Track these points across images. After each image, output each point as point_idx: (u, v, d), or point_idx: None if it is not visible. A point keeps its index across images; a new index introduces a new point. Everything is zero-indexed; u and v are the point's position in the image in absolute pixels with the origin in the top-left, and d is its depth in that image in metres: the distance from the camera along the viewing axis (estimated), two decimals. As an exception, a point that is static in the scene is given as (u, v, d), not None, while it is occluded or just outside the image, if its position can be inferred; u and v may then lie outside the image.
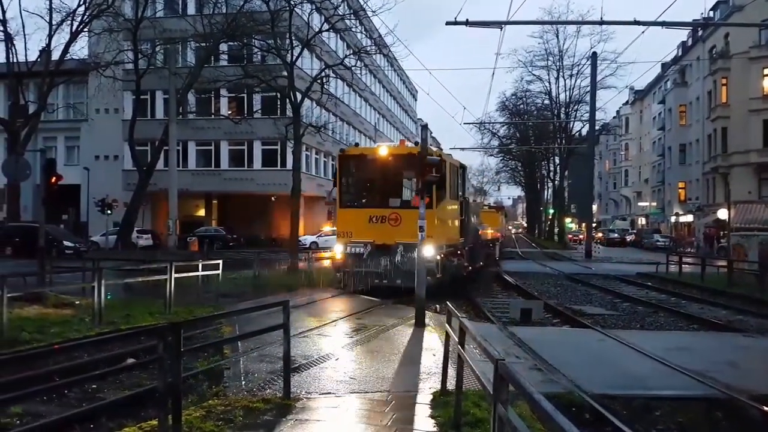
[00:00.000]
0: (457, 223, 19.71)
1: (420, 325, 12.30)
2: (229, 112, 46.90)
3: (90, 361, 8.83)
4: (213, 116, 46.93)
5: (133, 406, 7.27)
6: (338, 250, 17.87)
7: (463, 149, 64.54)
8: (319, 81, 34.16)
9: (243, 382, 8.06)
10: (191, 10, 46.15)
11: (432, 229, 15.56)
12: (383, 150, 17.46)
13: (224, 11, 35.02)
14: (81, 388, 7.91)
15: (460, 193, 20.23)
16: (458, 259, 19.80)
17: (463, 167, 21.09)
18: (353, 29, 44.97)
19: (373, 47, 40.18)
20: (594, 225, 64.36)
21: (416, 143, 16.13)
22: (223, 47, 39.81)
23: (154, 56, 39.38)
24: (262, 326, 7.63)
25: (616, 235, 71.16)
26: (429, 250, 15.46)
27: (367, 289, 17.31)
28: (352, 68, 39.15)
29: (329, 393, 7.58)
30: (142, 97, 40.72)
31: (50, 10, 33.98)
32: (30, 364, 8.77)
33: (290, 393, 7.18)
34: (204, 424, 6.27)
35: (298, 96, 30.31)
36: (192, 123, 45.14)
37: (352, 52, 39.34)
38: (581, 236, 76.31)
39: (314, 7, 32.40)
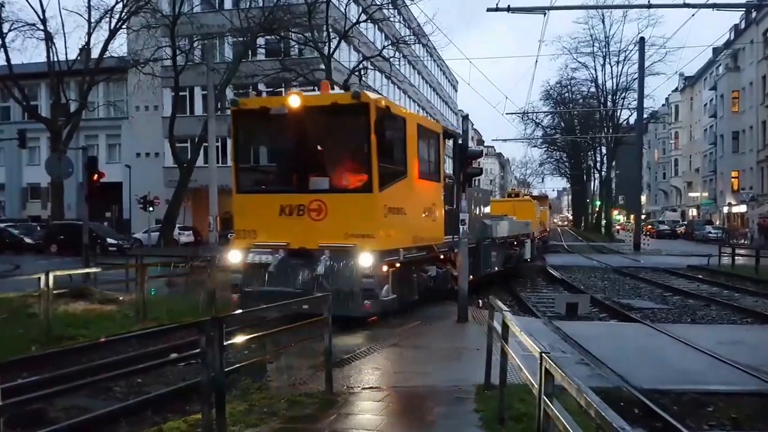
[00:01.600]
0: (436, 214, 13.65)
1: (462, 320, 12.16)
2: (268, 107, 47.05)
3: (134, 356, 8.97)
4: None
5: (177, 400, 7.34)
6: (234, 259, 11.86)
7: (505, 140, 63.94)
8: (357, 73, 34.19)
9: (285, 377, 8.06)
10: (228, 4, 46.55)
11: (371, 224, 11.10)
12: (295, 100, 11.27)
13: (261, 5, 35.22)
14: (126, 382, 8.02)
15: (444, 171, 14.54)
16: (439, 266, 13.98)
17: (450, 135, 15.18)
18: (391, 19, 44.75)
19: (412, 37, 39.96)
20: (643, 216, 62.94)
21: (346, 88, 12.42)
22: (261, 41, 40.14)
23: (191, 52, 39.93)
24: (303, 320, 7.61)
25: (666, 226, 69.48)
26: (365, 259, 10.85)
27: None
28: (391, 59, 39.02)
29: (372, 387, 7.55)
30: (180, 93, 41.27)
31: (89, 7, 34.95)
32: (76, 359, 9.00)
33: (333, 387, 7.16)
34: (247, 417, 6.31)
35: (336, 89, 30.35)
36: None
37: (390, 42, 39.21)
38: (618, 226, 74.63)
39: (351, -2, 32.33)
